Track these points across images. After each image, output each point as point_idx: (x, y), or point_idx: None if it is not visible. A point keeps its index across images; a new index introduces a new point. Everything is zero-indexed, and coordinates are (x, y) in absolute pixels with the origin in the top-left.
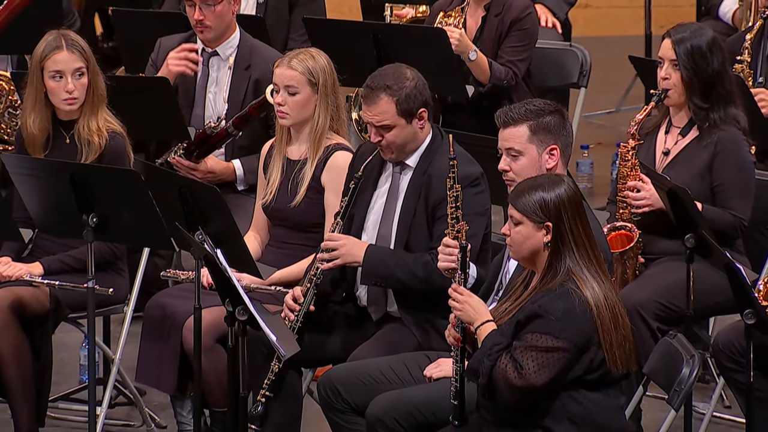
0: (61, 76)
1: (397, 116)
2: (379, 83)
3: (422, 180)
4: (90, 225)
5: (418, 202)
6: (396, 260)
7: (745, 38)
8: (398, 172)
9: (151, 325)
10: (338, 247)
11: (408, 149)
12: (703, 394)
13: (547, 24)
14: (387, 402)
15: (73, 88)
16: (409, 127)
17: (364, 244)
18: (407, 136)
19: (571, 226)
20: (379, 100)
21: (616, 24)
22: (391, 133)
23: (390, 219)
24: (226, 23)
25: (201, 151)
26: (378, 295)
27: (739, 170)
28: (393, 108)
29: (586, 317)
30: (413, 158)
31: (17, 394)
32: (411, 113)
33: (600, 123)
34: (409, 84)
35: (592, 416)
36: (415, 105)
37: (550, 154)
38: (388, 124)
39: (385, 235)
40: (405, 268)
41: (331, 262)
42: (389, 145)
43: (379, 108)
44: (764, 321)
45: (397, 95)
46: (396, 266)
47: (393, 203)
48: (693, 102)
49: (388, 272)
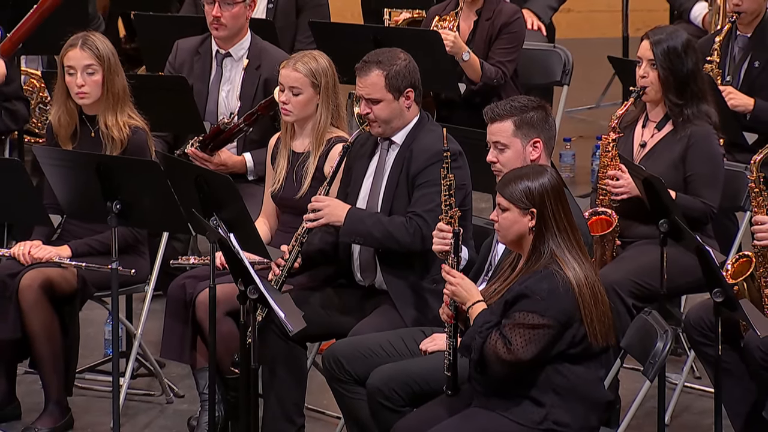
0: (73, 71)
1: (386, 90)
2: (372, 58)
3: (405, 154)
4: (114, 211)
5: (400, 175)
6: (373, 221)
7: (714, 40)
8: (386, 149)
9: (174, 306)
10: (323, 207)
11: (394, 125)
12: (675, 365)
13: (533, 27)
14: (386, 373)
15: (83, 83)
16: (396, 103)
17: (346, 206)
18: (393, 112)
19: (553, 212)
20: (370, 72)
21: (595, 27)
22: (379, 106)
23: (377, 191)
24: (240, 24)
25: (215, 145)
26: (369, 263)
27: (710, 162)
28: (382, 81)
29: (569, 296)
30: (399, 136)
31: (48, 366)
32: (399, 90)
33: (581, 118)
34: (400, 63)
35: (574, 387)
36: (403, 83)
37: (534, 147)
38: (376, 97)
39: (372, 206)
40: (381, 228)
41: (316, 221)
42: (376, 118)
43: (369, 80)
44: (731, 299)
45: (387, 70)
46: (373, 225)
47: (380, 176)
48: (668, 99)
49: (365, 231)
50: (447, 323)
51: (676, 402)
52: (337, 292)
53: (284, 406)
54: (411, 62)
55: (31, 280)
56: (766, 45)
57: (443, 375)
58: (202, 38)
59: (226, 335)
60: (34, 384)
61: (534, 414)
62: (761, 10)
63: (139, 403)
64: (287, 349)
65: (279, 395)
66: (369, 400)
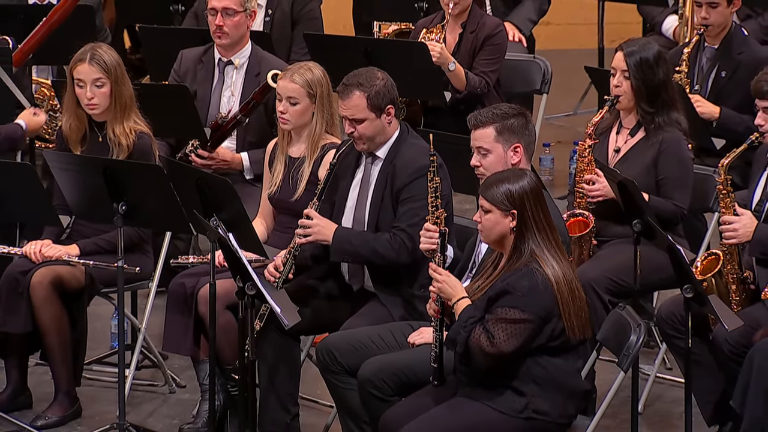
0: (83, 84)
1: (368, 110)
2: (353, 81)
3: (389, 170)
4: (120, 212)
5: (385, 189)
6: (360, 240)
7: (683, 51)
8: (370, 163)
9: (174, 301)
10: (312, 225)
11: (378, 141)
12: (648, 357)
13: (515, 39)
14: (376, 365)
15: (92, 96)
16: (378, 121)
17: (334, 226)
18: (376, 129)
19: (533, 214)
20: (352, 95)
21: (573, 39)
22: (362, 125)
23: (363, 204)
24: (241, 33)
25: (214, 140)
26: (357, 270)
27: (680, 165)
28: (364, 102)
29: (548, 293)
30: (383, 150)
31: (57, 358)
32: (380, 108)
33: (559, 124)
34: (379, 83)
35: (553, 378)
36: (384, 101)
37: (515, 152)
38: (360, 117)
39: (359, 219)
40: (367, 246)
41: (305, 238)
42: (361, 136)
43: (352, 102)
44: (701, 295)
45: (368, 92)
46: (360, 245)
47: (365, 191)
48: (641, 107)
49: (353, 250)
50: (433, 318)
51: (648, 392)
52: (331, 291)
53: (280, 395)
54: (388, 80)
55: (42, 277)
56: (731, 56)
57: (430, 366)
58: (206, 48)
59: (225, 327)
60: (44, 375)
61: (515, 403)
62: (727, 24)
63: (143, 393)
64: (283, 342)
65: (275, 385)
66: (360, 390)
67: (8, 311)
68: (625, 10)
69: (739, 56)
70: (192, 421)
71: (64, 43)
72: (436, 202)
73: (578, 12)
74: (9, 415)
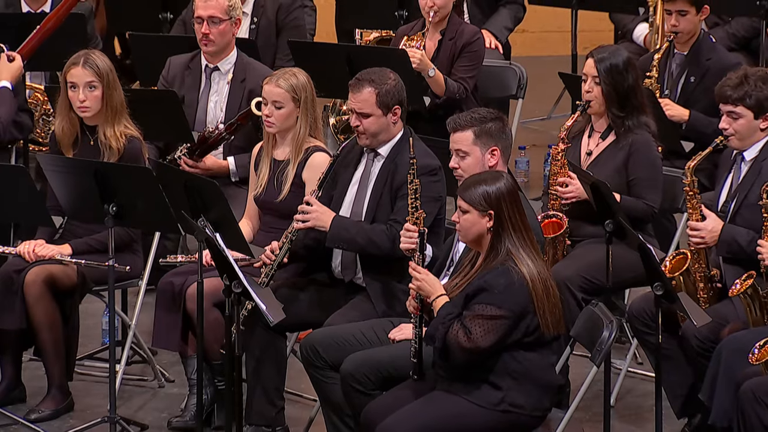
0: (75, 87)
1: (376, 106)
2: (365, 77)
3: (390, 167)
4: (110, 213)
5: (384, 186)
6: (357, 228)
7: (654, 58)
8: (371, 159)
9: (163, 299)
10: (311, 211)
11: (381, 138)
12: (620, 352)
13: (491, 46)
14: (358, 360)
15: (84, 98)
16: (384, 118)
17: (332, 214)
18: (381, 126)
19: (509, 214)
20: (363, 89)
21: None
22: (368, 120)
23: (362, 198)
24: (227, 41)
25: (201, 151)
26: (349, 262)
27: (650, 166)
28: (374, 98)
29: (523, 290)
30: (385, 148)
31: (50, 353)
32: (387, 106)
33: (534, 128)
34: (390, 82)
35: (528, 372)
36: (392, 100)
37: (492, 154)
38: (367, 112)
39: (357, 212)
40: (364, 235)
41: (304, 224)
42: (365, 130)
43: (362, 96)
44: (670, 292)
45: (379, 88)
46: (356, 233)
47: (365, 185)
48: (611, 111)
49: (349, 237)
50: (413, 314)
51: (620, 385)
52: (316, 288)
53: (266, 390)
54: (399, 82)
55: (36, 276)
56: (700, 62)
57: (410, 361)
58: (193, 54)
59: (212, 323)
60: (37, 370)
61: (492, 397)
62: (696, 31)
63: (133, 387)
64: (269, 338)
65: (262, 380)
66: (342, 384)
67: (3, 308)
68: (597, 18)
69: (708, 62)
70: (180, 415)
71: (57, 50)
72: (415, 204)
73: (552, 20)
74: (3, 409)
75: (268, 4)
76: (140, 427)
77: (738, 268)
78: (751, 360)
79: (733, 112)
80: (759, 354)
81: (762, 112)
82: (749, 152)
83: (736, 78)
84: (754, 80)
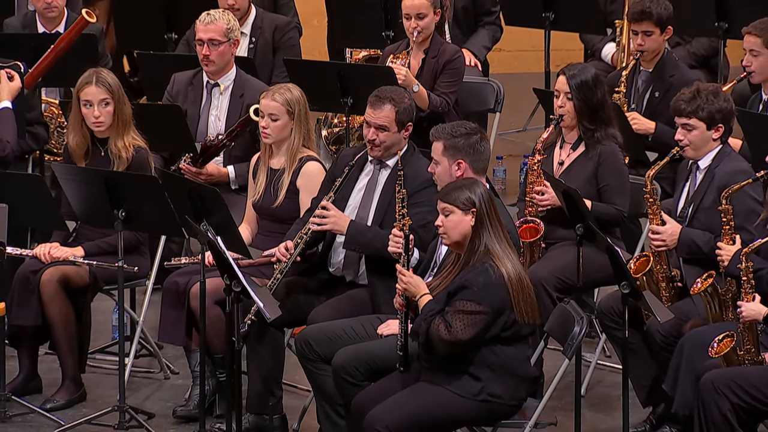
0: (90, 105)
1: (394, 122)
2: (386, 95)
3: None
4: (120, 218)
5: (392, 195)
6: (373, 233)
7: (621, 74)
8: (377, 170)
9: (169, 297)
10: (329, 215)
11: (391, 151)
12: (589, 346)
13: (471, 64)
14: (348, 353)
15: (99, 115)
16: (398, 134)
17: (348, 219)
18: (394, 140)
19: (487, 212)
20: (384, 106)
21: (522, 64)
22: (385, 134)
23: (368, 204)
24: (226, 60)
25: (203, 159)
26: (351, 262)
27: (618, 174)
28: (393, 115)
29: (501, 287)
30: (392, 160)
31: (64, 348)
32: (403, 123)
33: (511, 139)
34: (407, 101)
35: (506, 364)
36: (407, 118)
37: (458, 166)
38: (385, 125)
39: (363, 216)
40: (381, 239)
41: (321, 226)
42: (381, 143)
43: (383, 113)
44: (636, 291)
45: (399, 107)
46: (373, 237)
47: (371, 192)
48: (582, 124)
49: (366, 241)
50: (399, 311)
51: (590, 377)
52: (312, 286)
53: (266, 380)
54: (413, 102)
55: (51, 276)
56: (664, 78)
57: (396, 354)
58: (195, 71)
59: (214, 320)
60: (52, 363)
61: (472, 387)
62: (660, 50)
63: (141, 378)
64: (269, 333)
65: (261, 372)
66: (334, 376)
67: (20, 306)
68: (568, 38)
69: (671, 78)
70: (184, 404)
71: (70, 68)
72: (402, 211)
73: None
74: (21, 399)
75: (265, 26)
76: (147, 415)
77: (697, 269)
78: (710, 353)
79: (687, 124)
80: (718, 347)
81: (714, 123)
82: (703, 161)
83: (689, 93)
84: (705, 95)
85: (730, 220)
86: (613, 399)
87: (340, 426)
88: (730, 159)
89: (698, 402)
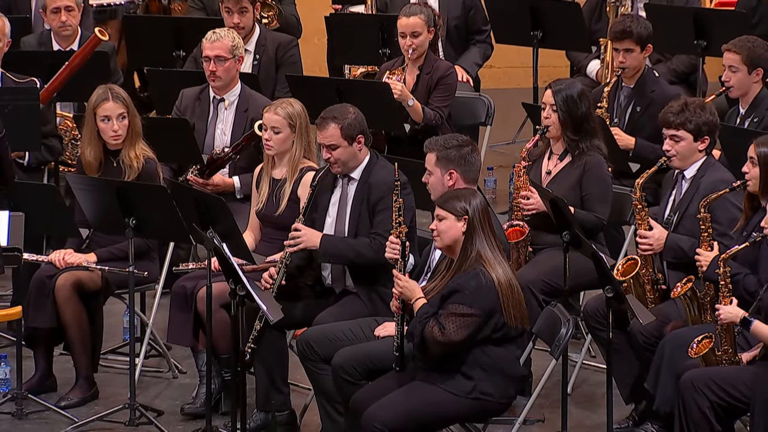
0: (109, 119)
1: (341, 138)
2: (329, 115)
3: (364, 188)
4: (130, 225)
5: (362, 204)
6: (344, 244)
7: (604, 90)
8: (346, 183)
9: (177, 300)
10: (301, 235)
11: (351, 165)
12: (575, 347)
13: (463, 79)
14: (347, 354)
15: (118, 128)
16: (350, 148)
17: (319, 234)
18: (349, 155)
19: (480, 221)
20: (328, 126)
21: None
22: (337, 151)
23: (343, 217)
24: (232, 76)
25: (210, 171)
26: (338, 275)
27: (601, 183)
28: (338, 132)
29: (492, 292)
30: (357, 172)
31: (78, 348)
32: (352, 137)
33: (501, 151)
34: (350, 116)
35: (496, 364)
36: (355, 131)
37: (450, 176)
38: (334, 143)
39: (340, 230)
40: (351, 249)
41: (296, 246)
42: (336, 160)
43: (328, 132)
44: (619, 294)
45: (342, 123)
46: (344, 248)
47: (344, 206)
48: (567, 135)
49: (338, 252)
50: (396, 314)
51: (576, 376)
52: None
53: (273, 378)
54: (359, 114)
55: (65, 281)
56: (645, 94)
57: (393, 355)
58: (202, 87)
59: (220, 322)
60: (66, 363)
61: (464, 386)
62: (641, 67)
63: (150, 378)
64: (274, 335)
65: (269, 370)
66: (333, 375)
67: (37, 309)
68: (555, 55)
69: (652, 94)
70: (192, 402)
71: (83, 83)
72: (399, 219)
73: (516, 57)
74: (37, 397)
75: (268, 44)
76: (157, 412)
77: (680, 273)
78: (690, 353)
79: (675, 136)
80: (697, 348)
81: (700, 135)
82: (689, 171)
83: (677, 106)
84: (693, 108)
85: (708, 228)
86: (598, 397)
87: (339, 423)
88: (715, 169)
89: (678, 400)
